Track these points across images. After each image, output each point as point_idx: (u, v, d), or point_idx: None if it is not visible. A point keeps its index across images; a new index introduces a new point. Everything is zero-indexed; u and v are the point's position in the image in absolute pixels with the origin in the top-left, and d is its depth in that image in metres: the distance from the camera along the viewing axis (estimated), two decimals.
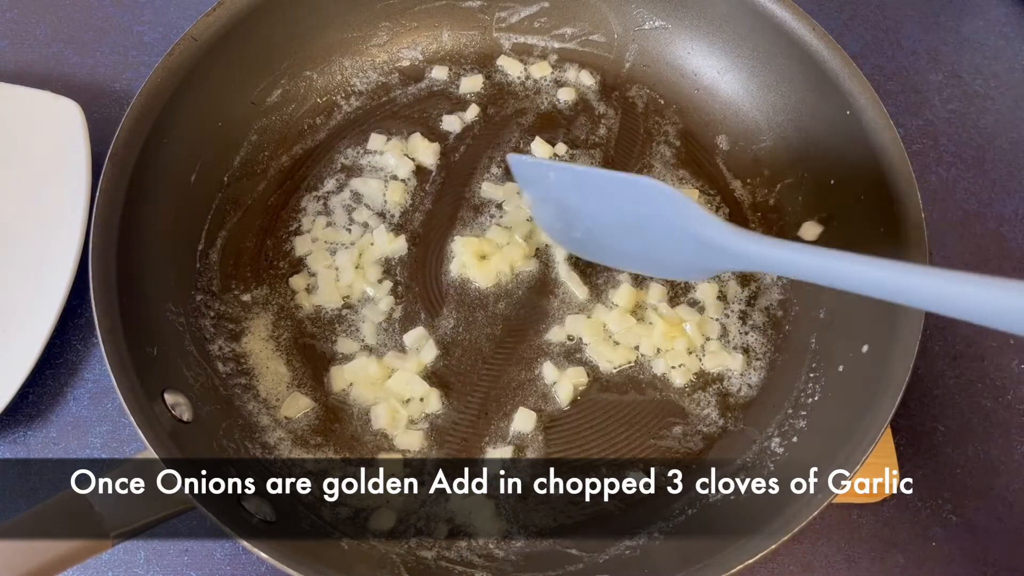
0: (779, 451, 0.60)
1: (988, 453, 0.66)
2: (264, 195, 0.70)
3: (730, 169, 0.73)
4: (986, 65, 0.85)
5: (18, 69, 0.81)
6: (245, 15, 0.66)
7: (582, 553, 0.57)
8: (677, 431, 0.62)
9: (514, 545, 0.57)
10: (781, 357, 0.65)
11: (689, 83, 0.76)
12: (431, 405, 0.62)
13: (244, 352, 0.63)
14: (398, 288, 0.67)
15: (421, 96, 0.76)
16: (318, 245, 0.68)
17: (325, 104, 0.74)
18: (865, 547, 0.63)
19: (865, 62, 0.83)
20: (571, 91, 0.76)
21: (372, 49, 0.76)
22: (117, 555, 0.61)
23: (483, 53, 0.78)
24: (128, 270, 0.56)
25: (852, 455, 0.52)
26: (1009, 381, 0.69)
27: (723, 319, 0.66)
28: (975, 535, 0.63)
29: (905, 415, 0.67)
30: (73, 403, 0.66)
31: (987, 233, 0.75)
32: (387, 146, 0.72)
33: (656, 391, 0.64)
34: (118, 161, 0.58)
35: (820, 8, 0.87)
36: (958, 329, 0.71)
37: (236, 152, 0.70)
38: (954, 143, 0.80)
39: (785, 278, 0.68)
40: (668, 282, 0.67)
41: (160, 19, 0.85)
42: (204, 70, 0.64)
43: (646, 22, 0.76)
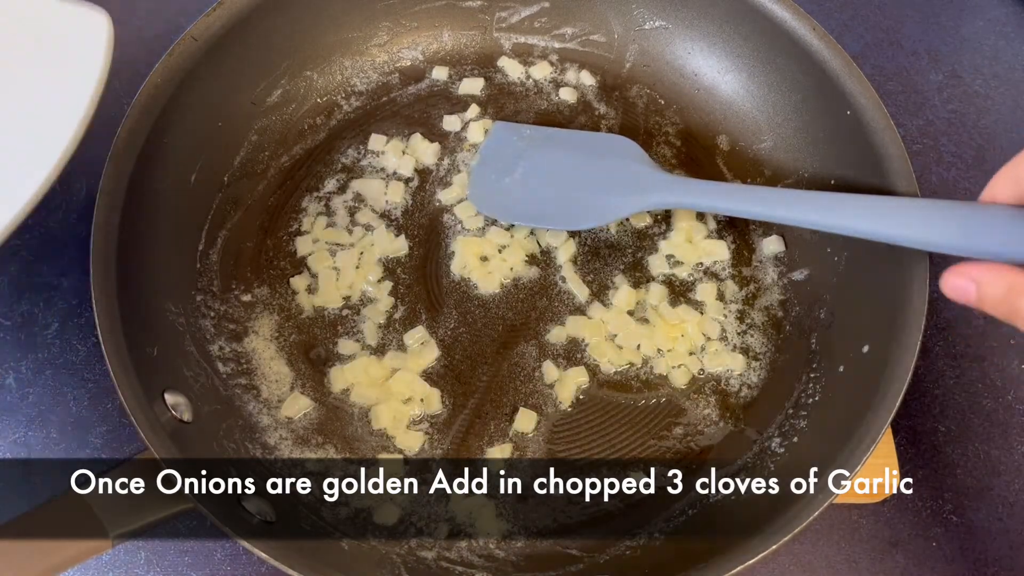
0: (779, 451, 0.60)
1: (988, 453, 0.66)
2: (264, 195, 0.70)
3: (730, 169, 0.73)
4: (986, 65, 0.85)
5: None
6: (245, 15, 0.66)
7: (582, 553, 0.57)
8: (677, 431, 0.62)
9: (514, 545, 0.57)
10: (781, 357, 0.65)
11: (689, 83, 0.76)
12: (432, 405, 0.62)
13: (245, 352, 0.63)
14: (399, 288, 0.67)
15: (421, 96, 0.76)
16: (319, 246, 0.68)
17: (325, 104, 0.74)
18: (865, 547, 0.63)
19: (865, 62, 0.83)
20: (571, 91, 0.76)
21: (372, 49, 0.76)
22: (117, 555, 0.61)
23: (483, 53, 0.78)
24: (128, 270, 0.56)
25: (852, 455, 0.52)
26: (1009, 381, 0.69)
27: (723, 319, 0.66)
28: (975, 535, 0.63)
29: (905, 415, 0.67)
30: (73, 403, 0.66)
31: None
32: (387, 146, 0.72)
33: (656, 391, 0.64)
34: (118, 161, 0.58)
35: (820, 8, 0.86)
36: (958, 329, 0.71)
37: (236, 152, 0.70)
38: (954, 143, 0.80)
39: (785, 278, 0.68)
40: (668, 282, 0.67)
41: (159, 14, 0.84)
42: (204, 70, 0.64)
43: (646, 22, 0.76)
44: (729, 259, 0.69)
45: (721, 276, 0.68)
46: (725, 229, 0.70)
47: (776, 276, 0.68)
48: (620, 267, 0.68)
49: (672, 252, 0.69)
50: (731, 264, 0.68)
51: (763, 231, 0.70)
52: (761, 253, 0.69)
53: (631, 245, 0.69)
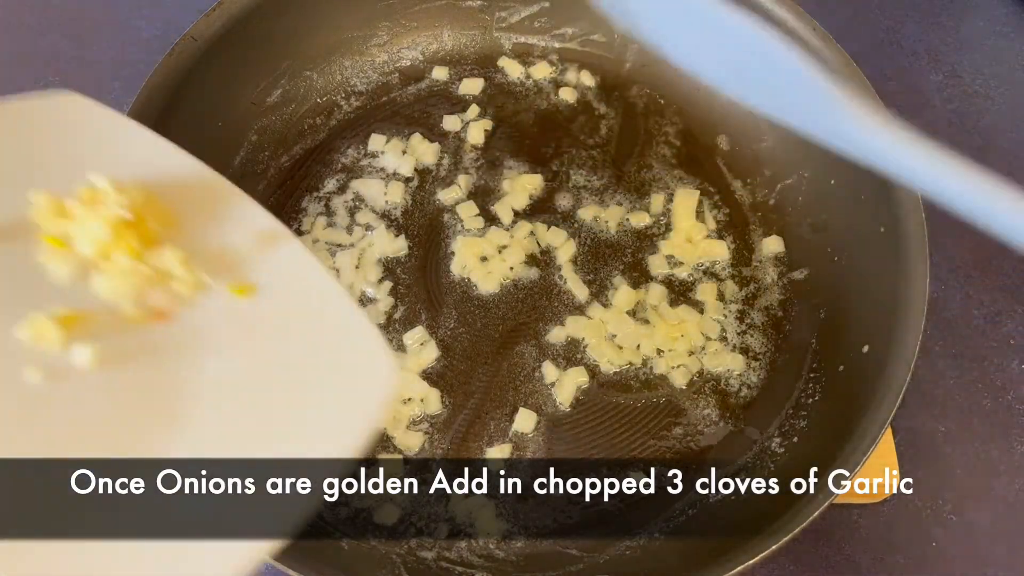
0: (779, 451, 0.60)
1: (988, 453, 0.66)
2: (264, 195, 0.70)
3: (730, 169, 0.73)
4: (986, 65, 0.85)
5: (11, 60, 0.80)
6: (245, 15, 0.66)
7: (582, 553, 0.57)
8: (677, 431, 0.62)
9: (514, 545, 0.57)
10: (781, 357, 0.65)
11: (689, 83, 0.75)
12: (431, 405, 0.62)
13: None
14: (398, 288, 0.67)
15: (421, 96, 0.76)
16: (319, 246, 0.68)
17: (325, 104, 0.74)
18: (865, 547, 0.63)
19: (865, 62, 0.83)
20: (571, 91, 0.76)
21: (372, 49, 0.76)
22: None
23: (483, 53, 0.78)
24: None
25: (852, 455, 0.52)
26: (1009, 381, 0.69)
27: (723, 319, 0.66)
28: (975, 535, 0.63)
29: (905, 415, 0.67)
30: None
31: (987, 233, 0.75)
32: (387, 146, 0.72)
33: (656, 391, 0.64)
34: None
35: (820, 8, 0.86)
36: (958, 329, 0.71)
37: (236, 152, 0.70)
38: (954, 143, 0.79)
39: (785, 278, 0.68)
40: (668, 282, 0.67)
41: (158, 14, 0.84)
42: (204, 70, 0.64)
43: None
44: (729, 259, 0.69)
45: (721, 276, 0.68)
46: (725, 229, 0.70)
47: (776, 276, 0.68)
48: (620, 267, 0.68)
49: (672, 252, 0.69)
50: (731, 264, 0.68)
51: (763, 231, 0.70)
52: (761, 253, 0.69)
53: (631, 245, 0.69)
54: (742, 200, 0.71)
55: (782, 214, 0.70)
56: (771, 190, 0.71)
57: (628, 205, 0.71)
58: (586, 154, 0.73)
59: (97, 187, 0.44)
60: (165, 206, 0.46)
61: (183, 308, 0.43)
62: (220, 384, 0.41)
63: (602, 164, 0.73)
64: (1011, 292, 0.73)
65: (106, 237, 0.43)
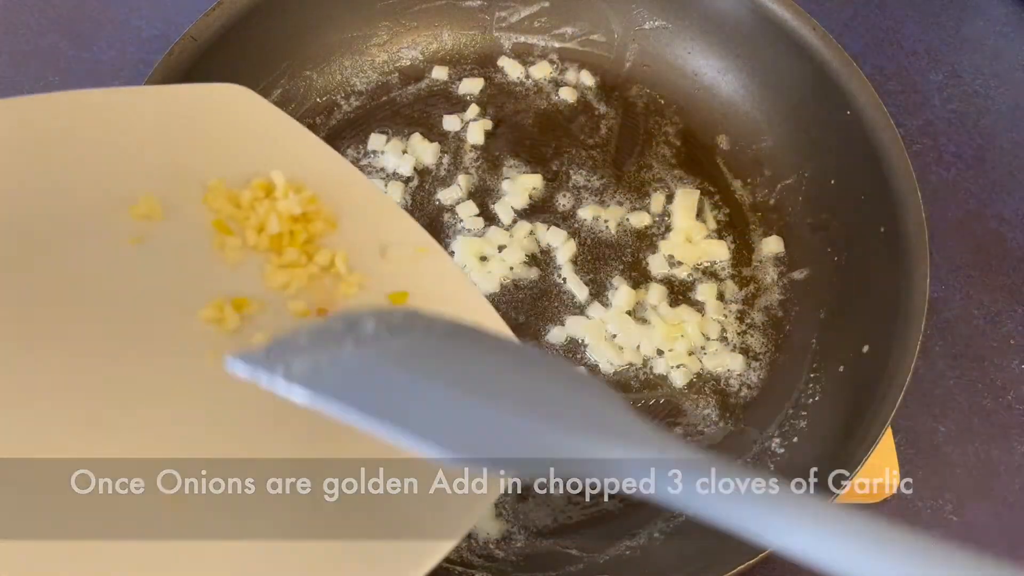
0: (779, 451, 0.60)
1: (988, 453, 0.66)
2: None
3: (730, 169, 0.73)
4: (986, 65, 0.85)
5: (11, 60, 0.80)
6: (245, 15, 0.66)
7: (582, 553, 0.57)
8: (677, 431, 0.62)
9: (514, 545, 0.57)
10: (781, 357, 0.65)
11: (689, 83, 0.76)
12: None
13: None
14: None
15: (421, 96, 0.76)
16: None
17: (325, 104, 0.74)
18: None
19: (865, 62, 0.83)
20: (571, 91, 0.76)
21: (372, 49, 0.76)
22: None
23: (483, 52, 0.78)
24: None
25: (852, 455, 0.52)
26: (1009, 381, 0.69)
27: (723, 319, 0.66)
28: (975, 535, 0.63)
29: (905, 415, 0.67)
30: None
31: (987, 233, 0.75)
32: (387, 146, 0.72)
33: (656, 391, 0.64)
34: None
35: (820, 8, 0.86)
36: (958, 329, 0.71)
37: None
38: (954, 143, 0.80)
39: (785, 278, 0.68)
40: (668, 282, 0.67)
41: (158, 13, 0.84)
42: (204, 70, 0.64)
43: (646, 22, 0.76)
44: (729, 259, 0.69)
45: (721, 276, 0.68)
46: (725, 229, 0.70)
47: (776, 276, 0.68)
48: (620, 267, 0.68)
49: (672, 252, 0.69)
50: (731, 264, 0.68)
51: (763, 231, 0.70)
52: (761, 253, 0.69)
53: (631, 245, 0.69)
54: (742, 200, 0.71)
55: (782, 214, 0.70)
56: (771, 190, 0.71)
57: (628, 205, 0.71)
58: (586, 154, 0.73)
59: (276, 182, 0.45)
60: (329, 208, 0.47)
61: (342, 308, 0.44)
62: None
63: (602, 164, 0.73)
64: (1011, 292, 0.73)
65: (281, 230, 0.44)
